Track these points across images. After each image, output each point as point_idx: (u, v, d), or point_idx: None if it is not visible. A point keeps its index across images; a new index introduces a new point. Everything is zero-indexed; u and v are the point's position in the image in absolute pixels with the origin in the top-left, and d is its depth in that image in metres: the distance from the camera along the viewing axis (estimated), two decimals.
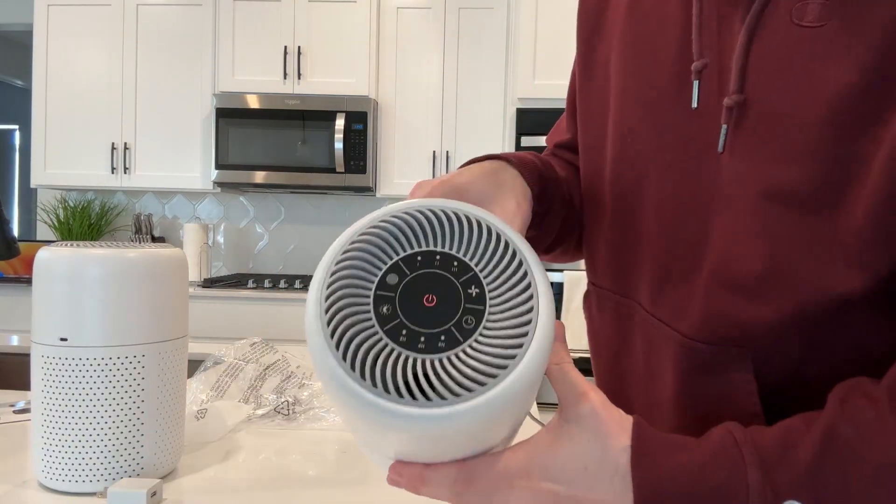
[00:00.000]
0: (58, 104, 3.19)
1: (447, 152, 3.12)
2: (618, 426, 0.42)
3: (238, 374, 1.05)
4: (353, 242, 0.40)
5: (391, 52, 3.13)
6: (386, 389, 0.36)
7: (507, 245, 0.40)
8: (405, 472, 0.41)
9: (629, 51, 0.56)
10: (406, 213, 0.41)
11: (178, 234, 3.50)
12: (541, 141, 2.86)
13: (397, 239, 0.40)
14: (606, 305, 0.61)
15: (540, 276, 0.40)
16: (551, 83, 2.89)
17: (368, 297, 0.38)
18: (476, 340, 0.37)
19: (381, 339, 0.37)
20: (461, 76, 3.11)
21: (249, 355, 1.10)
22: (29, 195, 5.83)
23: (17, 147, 6.20)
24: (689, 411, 0.51)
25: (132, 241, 3.32)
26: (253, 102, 3.07)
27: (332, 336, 0.37)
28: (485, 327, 0.38)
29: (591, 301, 0.65)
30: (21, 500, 0.70)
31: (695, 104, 0.50)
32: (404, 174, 3.15)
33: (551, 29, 2.92)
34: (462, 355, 0.37)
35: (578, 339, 2.79)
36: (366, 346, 0.37)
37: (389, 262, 0.39)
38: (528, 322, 0.38)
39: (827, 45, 0.42)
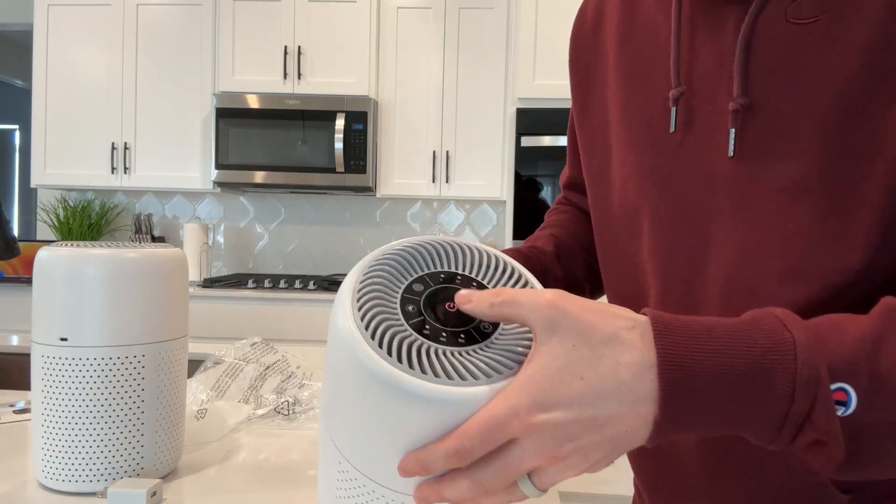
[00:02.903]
0: (58, 104, 3.19)
1: (447, 152, 3.12)
2: (592, 314, 0.37)
3: (238, 374, 1.05)
4: (385, 255, 0.45)
5: (391, 52, 3.13)
6: (411, 367, 0.38)
7: (521, 277, 0.45)
8: (408, 458, 0.38)
9: (626, 81, 0.58)
10: (435, 240, 0.46)
11: (178, 234, 3.49)
12: (541, 140, 2.86)
13: (423, 258, 0.45)
14: None
15: None
16: (551, 83, 2.89)
17: (396, 297, 0.42)
18: (493, 341, 0.41)
19: (405, 330, 0.40)
20: (461, 76, 3.11)
21: (249, 355, 1.10)
22: (29, 195, 5.83)
23: (17, 147, 6.20)
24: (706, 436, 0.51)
25: (132, 241, 3.32)
26: (253, 102, 3.07)
27: (363, 320, 0.40)
28: (500, 333, 0.41)
29: None
30: (21, 500, 0.70)
31: (672, 128, 0.52)
32: (404, 174, 3.15)
33: (551, 29, 2.91)
34: (479, 350, 0.40)
35: None
36: (392, 331, 0.40)
37: (415, 275, 0.44)
38: None
39: (823, 37, 0.44)
